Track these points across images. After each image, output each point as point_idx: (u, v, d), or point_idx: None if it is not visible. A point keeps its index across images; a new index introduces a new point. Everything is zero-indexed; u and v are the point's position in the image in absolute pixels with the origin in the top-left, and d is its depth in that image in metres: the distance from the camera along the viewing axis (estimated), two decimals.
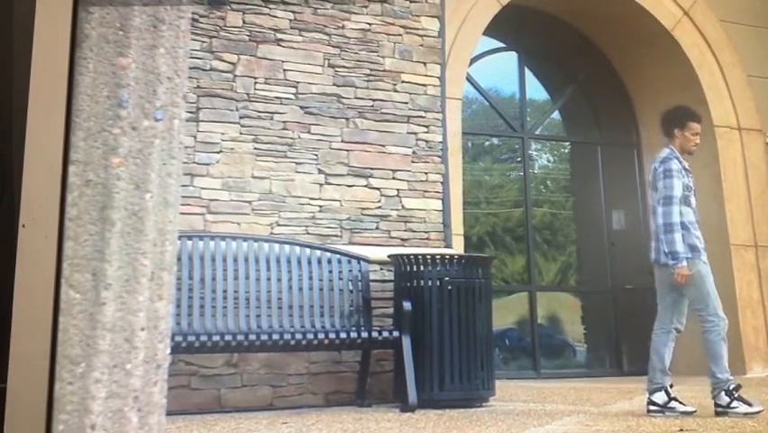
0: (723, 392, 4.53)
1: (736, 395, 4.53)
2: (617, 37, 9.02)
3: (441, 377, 5.14)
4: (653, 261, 4.86)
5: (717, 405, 4.56)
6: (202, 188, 5.45)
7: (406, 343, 5.09)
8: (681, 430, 3.86)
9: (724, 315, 4.70)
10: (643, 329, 8.97)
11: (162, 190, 1.45)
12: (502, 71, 9.12)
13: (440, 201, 6.22)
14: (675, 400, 4.67)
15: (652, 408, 4.61)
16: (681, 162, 4.79)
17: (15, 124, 1.45)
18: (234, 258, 5.17)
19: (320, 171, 5.85)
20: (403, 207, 6.08)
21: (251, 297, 5.13)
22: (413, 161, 6.19)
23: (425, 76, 6.38)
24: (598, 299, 9.15)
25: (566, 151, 9.83)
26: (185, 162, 5.12)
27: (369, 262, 5.56)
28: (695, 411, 4.60)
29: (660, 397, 4.63)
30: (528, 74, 9.23)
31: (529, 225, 8.73)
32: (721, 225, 8.31)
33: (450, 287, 5.24)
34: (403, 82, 6.27)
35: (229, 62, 5.71)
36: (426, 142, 6.26)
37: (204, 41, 5.63)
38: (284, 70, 5.88)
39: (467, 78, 7.93)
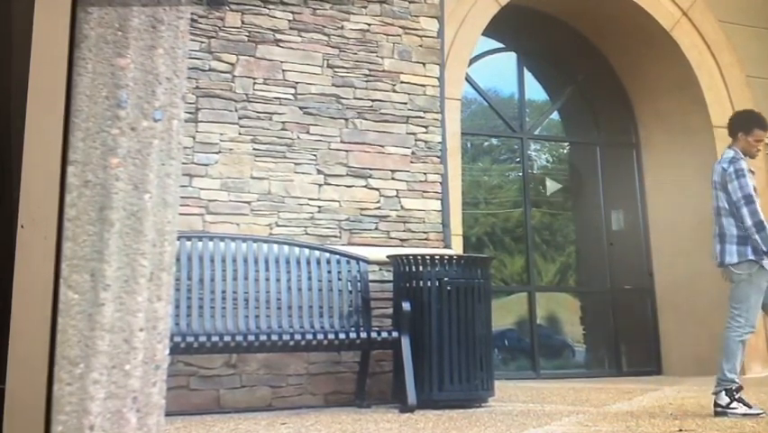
0: (724, 392, 4.53)
1: (736, 396, 4.53)
2: (615, 37, 9.02)
3: (440, 378, 5.14)
4: (720, 264, 4.79)
5: (716, 404, 4.56)
6: (201, 189, 5.45)
7: (406, 343, 5.09)
8: (681, 431, 3.86)
9: (755, 326, 4.70)
10: (642, 330, 9.00)
11: (161, 191, 1.45)
12: (501, 72, 9.12)
13: (439, 202, 6.22)
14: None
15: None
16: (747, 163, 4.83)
17: (14, 125, 1.45)
18: (233, 259, 5.17)
19: (319, 172, 5.85)
20: (402, 207, 6.08)
21: (249, 297, 5.13)
22: (412, 162, 6.18)
23: (424, 76, 6.38)
24: (598, 299, 9.15)
25: (565, 151, 9.83)
26: (184, 163, 5.12)
27: (368, 262, 5.56)
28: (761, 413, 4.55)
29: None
30: (527, 74, 9.23)
31: (528, 226, 8.73)
32: None
33: (449, 287, 5.24)
34: (402, 83, 6.27)
35: (228, 63, 5.71)
36: (425, 142, 6.26)
37: (203, 42, 5.63)
38: (283, 71, 5.87)
39: (466, 79, 7.93)
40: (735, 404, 4.51)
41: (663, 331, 8.78)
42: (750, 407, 4.53)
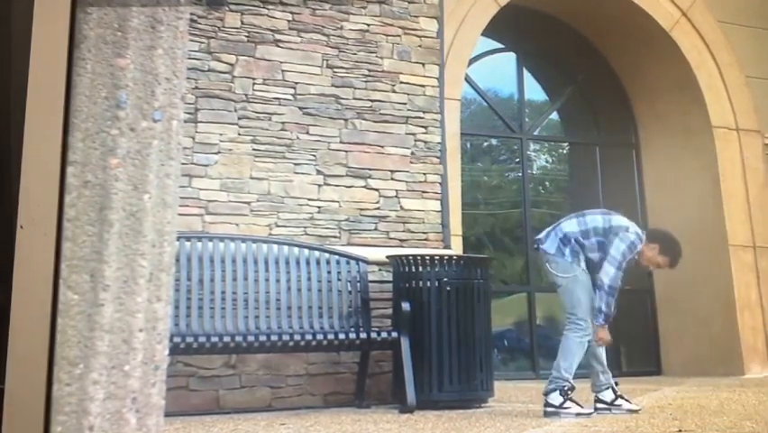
0: (558, 391, 4.57)
1: (569, 396, 4.58)
2: (615, 38, 9.02)
3: (440, 378, 5.14)
4: None
5: (548, 404, 4.60)
6: (200, 189, 5.45)
7: (405, 344, 5.09)
8: (681, 431, 3.86)
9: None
10: (641, 330, 9.00)
11: (161, 191, 1.45)
12: (501, 72, 9.12)
13: (438, 202, 6.22)
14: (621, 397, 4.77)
15: None
16: None
17: (13, 125, 1.45)
18: (233, 259, 5.16)
19: (318, 172, 5.85)
20: (402, 207, 6.08)
21: (249, 298, 5.13)
22: (411, 162, 6.18)
23: (424, 76, 6.37)
24: None
25: (564, 151, 9.83)
26: (183, 163, 5.10)
27: (367, 262, 5.56)
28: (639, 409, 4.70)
29: None
30: (527, 75, 9.23)
31: (528, 226, 8.72)
32: (719, 226, 8.31)
33: (448, 288, 5.24)
34: (401, 83, 6.27)
35: (227, 63, 5.71)
36: (425, 142, 6.26)
37: (202, 42, 5.63)
38: (282, 71, 5.87)
39: (465, 79, 7.93)
40: (568, 403, 4.54)
41: (663, 331, 8.78)
42: (582, 406, 4.57)
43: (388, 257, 5.54)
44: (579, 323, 4.69)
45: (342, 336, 5.07)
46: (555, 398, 4.57)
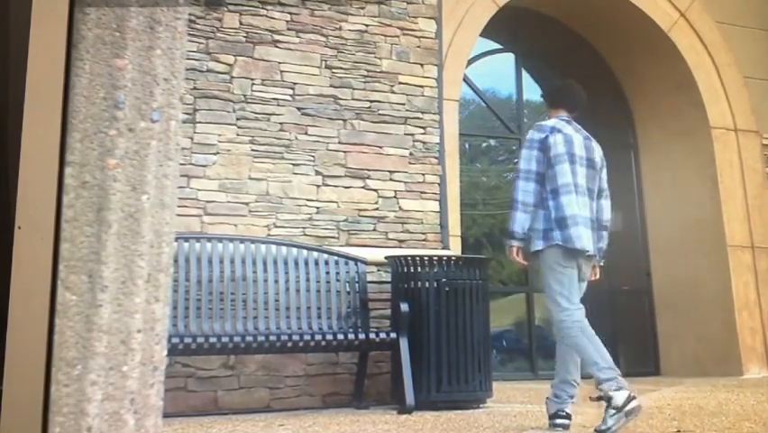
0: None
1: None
2: (613, 38, 9.03)
3: (438, 379, 5.14)
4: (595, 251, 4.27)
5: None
6: (199, 190, 5.44)
7: (404, 344, 5.09)
8: (679, 431, 3.86)
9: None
10: (640, 330, 9.00)
11: (159, 192, 1.45)
12: (499, 73, 9.12)
13: (437, 203, 6.22)
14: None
15: None
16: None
17: (11, 126, 1.44)
18: (231, 260, 5.16)
19: (317, 173, 5.85)
20: (400, 208, 6.08)
21: (248, 298, 5.13)
22: (410, 163, 6.18)
23: (423, 77, 6.38)
24: (596, 300, 9.13)
25: None
26: (181, 164, 5.11)
27: (366, 263, 5.56)
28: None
29: None
30: (525, 75, 9.23)
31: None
32: (718, 227, 8.32)
33: (447, 288, 5.24)
34: (400, 83, 6.27)
35: (226, 64, 5.71)
36: (424, 143, 6.26)
37: (200, 43, 5.62)
38: (281, 72, 5.87)
39: (464, 80, 7.93)
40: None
41: (661, 332, 8.79)
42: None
43: (386, 258, 5.54)
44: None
45: (340, 337, 5.07)
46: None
